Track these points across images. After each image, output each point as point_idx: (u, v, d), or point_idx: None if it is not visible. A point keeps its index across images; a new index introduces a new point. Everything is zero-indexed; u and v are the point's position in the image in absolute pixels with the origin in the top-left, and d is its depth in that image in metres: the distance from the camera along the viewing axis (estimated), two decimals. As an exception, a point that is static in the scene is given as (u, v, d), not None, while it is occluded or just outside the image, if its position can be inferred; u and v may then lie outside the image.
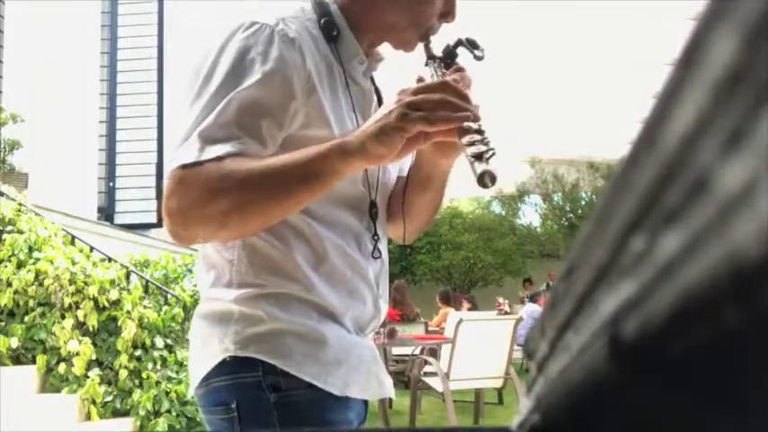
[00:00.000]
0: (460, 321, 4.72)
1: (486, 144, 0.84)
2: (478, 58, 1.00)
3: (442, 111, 0.84)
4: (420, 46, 1.04)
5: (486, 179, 0.82)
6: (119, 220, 8.10)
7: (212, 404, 0.96)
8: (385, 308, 1.09)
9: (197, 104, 0.90)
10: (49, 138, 6.74)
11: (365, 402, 1.06)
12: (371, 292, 1.05)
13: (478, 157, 0.83)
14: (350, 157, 0.85)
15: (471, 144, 0.84)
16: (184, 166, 0.86)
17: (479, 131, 0.86)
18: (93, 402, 4.09)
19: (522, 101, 8.98)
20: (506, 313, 8.50)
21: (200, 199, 0.85)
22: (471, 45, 1.02)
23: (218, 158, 0.86)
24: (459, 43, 1.03)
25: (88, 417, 4.08)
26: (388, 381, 1.08)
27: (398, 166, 1.15)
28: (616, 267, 0.17)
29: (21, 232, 4.62)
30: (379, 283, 1.07)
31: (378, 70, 1.10)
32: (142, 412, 4.08)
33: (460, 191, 14.33)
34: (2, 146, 6.45)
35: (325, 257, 0.98)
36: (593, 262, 0.18)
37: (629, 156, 0.16)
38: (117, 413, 4.19)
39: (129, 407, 4.17)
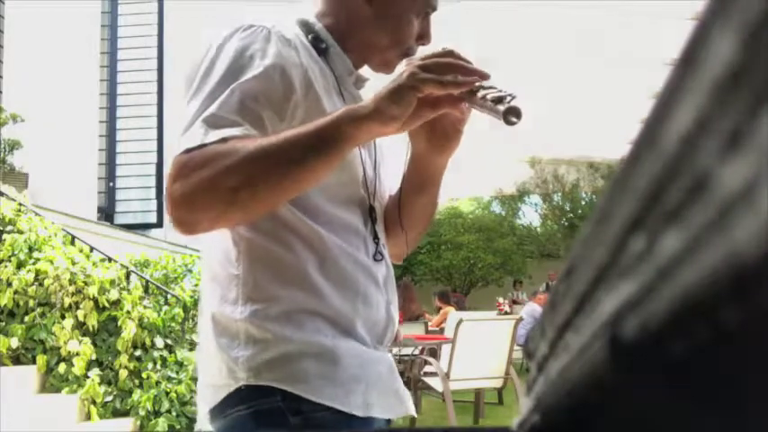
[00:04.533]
0: (460, 321, 4.72)
1: (503, 91, 0.84)
2: None
3: (451, 73, 0.85)
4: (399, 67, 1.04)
5: (510, 116, 0.80)
6: (119, 220, 8.09)
7: None
8: (397, 315, 1.07)
9: (197, 98, 0.89)
10: (49, 138, 6.73)
11: (388, 421, 1.02)
12: (383, 298, 1.03)
13: (499, 100, 0.83)
14: (363, 121, 0.84)
15: (486, 95, 0.84)
16: (188, 150, 0.84)
17: (492, 87, 0.86)
18: (93, 402, 4.09)
19: (521, 101, 8.96)
20: (506, 313, 8.51)
21: (206, 178, 0.82)
22: None
23: (223, 140, 0.84)
24: None
25: (88, 417, 4.08)
26: (408, 396, 1.05)
27: (391, 179, 1.13)
28: (616, 267, 0.17)
29: (21, 232, 4.61)
30: (387, 287, 1.05)
31: (365, 88, 1.10)
32: (142, 412, 4.08)
33: (460, 191, 14.32)
34: (2, 146, 6.44)
35: (335, 263, 0.95)
36: (593, 262, 0.18)
37: (629, 156, 0.16)
38: (117, 413, 4.18)
39: (129, 407, 4.16)
